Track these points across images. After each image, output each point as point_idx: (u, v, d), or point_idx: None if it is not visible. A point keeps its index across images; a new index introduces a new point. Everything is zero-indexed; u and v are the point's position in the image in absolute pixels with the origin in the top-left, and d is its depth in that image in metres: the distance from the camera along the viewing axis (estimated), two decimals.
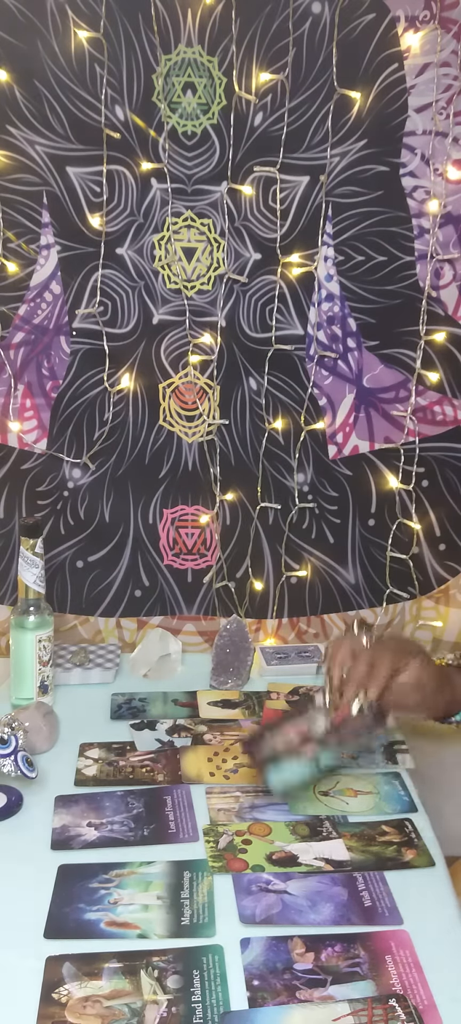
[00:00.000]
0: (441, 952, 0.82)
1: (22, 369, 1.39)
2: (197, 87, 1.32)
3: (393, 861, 0.95)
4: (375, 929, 0.85)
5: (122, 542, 1.46)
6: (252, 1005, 0.75)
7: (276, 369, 1.42)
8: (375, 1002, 0.75)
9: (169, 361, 1.41)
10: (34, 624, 1.24)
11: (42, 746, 1.15)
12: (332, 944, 0.83)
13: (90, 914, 0.86)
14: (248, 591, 1.49)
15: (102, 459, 1.43)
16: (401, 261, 1.38)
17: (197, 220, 1.37)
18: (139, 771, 1.11)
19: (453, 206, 1.37)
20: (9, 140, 1.31)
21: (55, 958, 0.80)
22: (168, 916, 0.86)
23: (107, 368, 1.40)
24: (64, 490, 1.43)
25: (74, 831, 0.99)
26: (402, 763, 1.14)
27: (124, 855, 0.95)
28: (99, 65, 1.30)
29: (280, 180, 1.35)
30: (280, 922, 0.86)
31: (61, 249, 1.36)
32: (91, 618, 1.48)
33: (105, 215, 1.34)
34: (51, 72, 1.29)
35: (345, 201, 1.37)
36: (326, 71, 1.32)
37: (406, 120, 1.34)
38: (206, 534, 1.47)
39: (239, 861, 0.94)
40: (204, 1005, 0.75)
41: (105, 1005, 0.75)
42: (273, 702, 1.29)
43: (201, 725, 1.23)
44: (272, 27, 1.30)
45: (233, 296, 1.39)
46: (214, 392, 1.43)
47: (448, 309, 1.40)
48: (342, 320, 1.41)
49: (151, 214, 1.36)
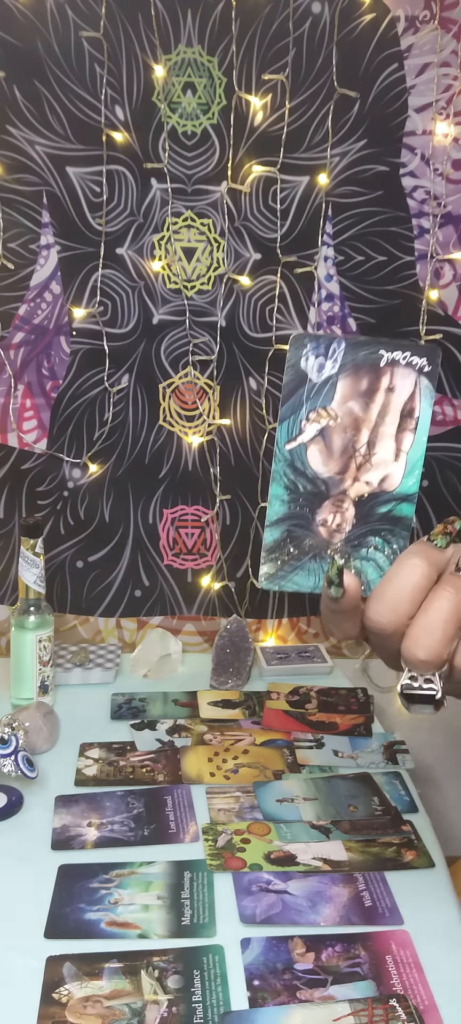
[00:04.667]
0: (441, 952, 0.82)
1: (22, 369, 1.39)
2: (197, 87, 1.32)
3: (393, 862, 0.95)
4: (375, 929, 0.85)
5: (122, 542, 1.46)
6: (252, 1005, 0.75)
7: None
8: (375, 1002, 0.75)
9: (169, 361, 1.41)
10: (34, 624, 1.24)
11: (42, 746, 1.15)
12: (332, 944, 0.83)
13: (90, 914, 0.86)
14: (248, 591, 1.49)
15: (102, 459, 1.43)
16: (401, 261, 1.38)
17: (197, 220, 1.37)
18: (139, 771, 1.11)
19: (453, 206, 1.37)
20: (9, 140, 1.31)
21: (55, 958, 0.80)
22: (168, 916, 0.86)
23: (107, 368, 1.40)
24: (64, 490, 1.43)
25: (74, 831, 0.99)
26: (402, 763, 1.14)
27: (124, 855, 0.95)
28: (99, 65, 1.30)
29: (280, 180, 1.35)
30: (280, 922, 0.86)
31: (61, 249, 1.36)
32: (91, 618, 1.48)
33: (105, 215, 1.34)
34: (51, 72, 1.30)
35: (345, 201, 1.37)
36: (326, 71, 1.32)
37: (406, 120, 1.34)
38: (206, 534, 1.47)
39: (237, 860, 0.94)
40: (204, 1005, 0.75)
41: (105, 1005, 0.75)
42: (273, 702, 1.29)
43: (201, 725, 1.23)
44: (272, 27, 1.30)
45: (233, 296, 1.39)
46: (214, 392, 1.43)
47: (448, 309, 1.40)
48: (342, 320, 1.41)
49: (151, 214, 1.36)
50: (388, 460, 0.60)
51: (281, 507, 0.61)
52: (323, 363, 0.60)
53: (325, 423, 0.60)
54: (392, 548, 0.60)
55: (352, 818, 1.02)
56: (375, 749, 1.18)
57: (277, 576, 0.61)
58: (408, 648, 0.55)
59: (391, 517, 0.60)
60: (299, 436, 0.60)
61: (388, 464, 0.60)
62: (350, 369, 0.60)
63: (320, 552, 0.61)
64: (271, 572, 0.61)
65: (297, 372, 0.60)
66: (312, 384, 0.60)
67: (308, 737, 1.20)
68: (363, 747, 1.18)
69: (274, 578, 0.61)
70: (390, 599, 0.55)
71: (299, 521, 0.61)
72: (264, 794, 1.06)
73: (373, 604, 0.56)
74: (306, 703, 1.29)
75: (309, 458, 0.61)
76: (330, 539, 0.61)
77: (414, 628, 0.55)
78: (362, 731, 1.22)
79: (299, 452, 0.61)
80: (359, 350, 0.60)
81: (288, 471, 0.61)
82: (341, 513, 0.61)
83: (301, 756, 1.15)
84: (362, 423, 0.60)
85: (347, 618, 0.58)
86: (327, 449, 0.61)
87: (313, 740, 1.19)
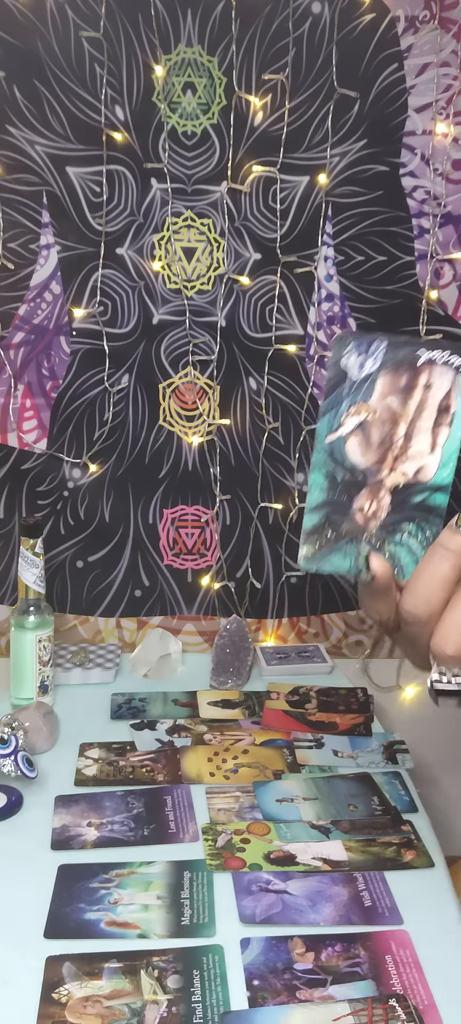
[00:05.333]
0: (441, 952, 0.82)
1: (22, 369, 1.39)
2: (197, 87, 1.32)
3: (392, 862, 0.95)
4: (375, 929, 0.85)
5: (122, 542, 1.46)
6: (252, 1005, 0.75)
7: (276, 369, 1.42)
8: (375, 1002, 0.75)
9: (169, 361, 1.41)
10: (34, 624, 1.24)
11: (42, 746, 1.15)
12: (332, 944, 0.83)
13: (90, 914, 0.86)
14: (248, 591, 1.49)
15: (102, 459, 1.43)
16: (401, 261, 1.38)
17: (197, 220, 1.37)
18: (139, 771, 1.11)
19: (453, 206, 1.37)
20: (9, 140, 1.31)
21: (55, 958, 0.80)
22: (168, 916, 0.86)
23: (107, 368, 1.40)
24: (64, 490, 1.43)
25: (74, 831, 0.99)
26: (402, 763, 1.14)
27: (124, 855, 0.95)
28: (99, 65, 1.30)
29: (280, 180, 1.35)
30: (280, 922, 0.86)
31: (61, 249, 1.36)
32: (91, 618, 1.48)
33: (105, 215, 1.34)
34: (51, 72, 1.30)
35: (345, 201, 1.37)
36: (326, 71, 1.32)
37: (406, 120, 1.34)
38: (206, 534, 1.47)
39: (237, 860, 0.94)
40: (204, 1005, 0.75)
41: (105, 1005, 0.75)
42: (273, 702, 1.29)
43: (201, 725, 1.23)
44: (272, 27, 1.30)
45: (233, 296, 1.39)
46: (214, 392, 1.43)
47: (448, 309, 1.40)
48: (342, 320, 1.41)
49: (151, 214, 1.36)
50: (424, 452, 0.62)
51: (320, 494, 0.64)
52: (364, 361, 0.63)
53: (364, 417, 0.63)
54: (425, 535, 0.63)
55: (352, 818, 1.02)
56: (375, 749, 1.18)
57: (315, 557, 0.64)
58: (437, 644, 0.57)
59: (425, 506, 0.62)
60: (339, 429, 0.63)
61: (424, 456, 0.62)
62: (390, 367, 0.62)
63: (356, 536, 0.63)
64: (309, 554, 0.64)
65: (338, 370, 0.63)
66: (352, 381, 0.63)
67: (308, 737, 1.20)
68: (363, 747, 1.18)
69: (312, 559, 0.64)
70: (422, 592, 0.59)
71: (337, 507, 0.64)
72: (264, 794, 1.06)
73: (407, 597, 0.60)
74: (306, 703, 1.29)
75: (348, 449, 0.63)
76: (366, 525, 0.63)
77: (442, 625, 0.57)
78: (362, 731, 1.22)
79: (338, 444, 0.63)
80: (399, 349, 0.62)
81: (328, 460, 0.64)
82: (377, 501, 0.63)
83: (301, 756, 1.15)
84: (400, 417, 0.63)
85: (380, 599, 0.62)
86: (365, 441, 0.63)
87: (313, 740, 1.19)
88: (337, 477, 0.64)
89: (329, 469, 0.64)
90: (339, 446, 0.63)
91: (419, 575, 0.60)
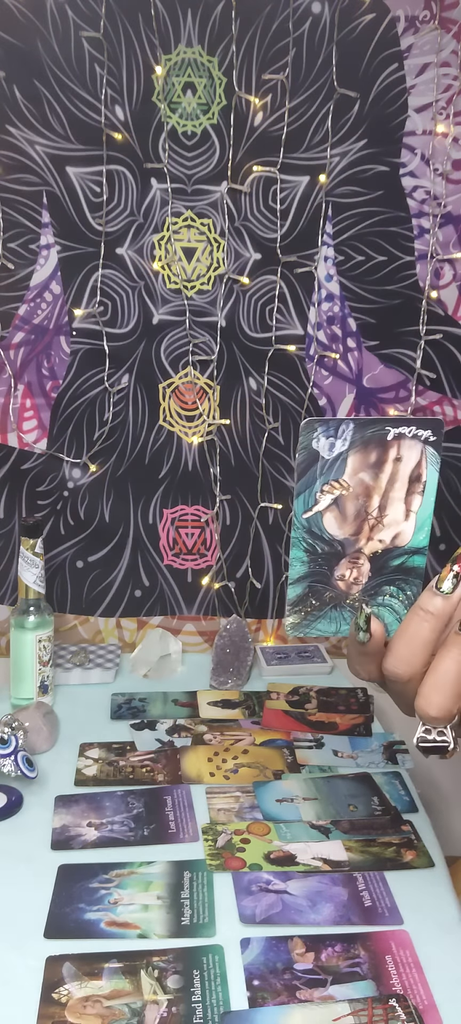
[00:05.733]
0: (441, 952, 0.82)
1: (22, 369, 1.39)
2: (197, 87, 1.32)
3: (392, 862, 0.95)
4: (375, 929, 0.85)
5: (122, 542, 1.46)
6: (252, 1005, 0.75)
7: (276, 369, 1.42)
8: (375, 1002, 0.75)
9: (169, 361, 1.41)
10: (34, 624, 1.24)
11: (42, 746, 1.15)
12: (332, 944, 0.83)
13: (90, 914, 0.86)
14: (248, 591, 1.49)
15: (102, 459, 1.43)
16: (401, 261, 1.38)
17: (197, 220, 1.37)
18: (139, 771, 1.11)
19: (453, 206, 1.37)
20: (9, 140, 1.31)
21: (55, 958, 0.80)
22: (168, 916, 0.86)
23: (107, 368, 1.40)
24: (64, 490, 1.43)
25: (74, 831, 0.99)
26: (402, 763, 1.14)
27: (124, 855, 0.95)
28: (99, 65, 1.30)
29: (280, 180, 1.35)
30: (280, 922, 0.86)
31: (61, 249, 1.36)
32: (91, 618, 1.48)
33: (105, 215, 1.34)
34: (51, 72, 1.30)
35: (345, 201, 1.37)
36: (326, 71, 1.32)
37: (406, 120, 1.34)
38: (206, 534, 1.47)
39: (237, 860, 0.94)
40: (204, 1005, 0.75)
41: (105, 1005, 0.75)
42: (273, 702, 1.29)
43: (201, 725, 1.23)
44: (272, 27, 1.30)
45: (233, 296, 1.39)
46: (214, 392, 1.43)
47: (448, 309, 1.40)
48: (342, 320, 1.41)
49: (151, 214, 1.36)
50: (399, 520, 0.65)
51: (301, 567, 0.67)
52: (333, 443, 0.65)
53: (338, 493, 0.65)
54: (406, 595, 0.67)
55: (352, 818, 1.02)
56: (375, 749, 1.18)
57: (301, 625, 0.68)
58: (420, 706, 0.60)
59: (404, 568, 0.66)
60: (315, 506, 0.66)
61: (399, 523, 0.65)
62: (359, 445, 0.64)
63: (340, 603, 0.67)
64: (296, 623, 0.68)
65: (310, 452, 0.65)
66: (324, 461, 0.65)
67: (308, 737, 1.20)
68: (363, 747, 1.18)
69: (299, 627, 0.68)
70: (403, 654, 0.61)
71: (319, 578, 0.67)
72: (264, 794, 1.06)
73: (389, 658, 0.62)
74: (306, 703, 1.29)
75: (325, 524, 0.66)
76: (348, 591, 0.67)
77: (425, 687, 0.60)
78: (362, 731, 1.22)
79: (316, 519, 0.66)
80: (366, 428, 0.64)
81: (306, 536, 0.66)
82: (357, 568, 0.67)
83: (301, 756, 1.15)
84: (373, 490, 0.65)
85: (372, 660, 0.64)
86: (341, 515, 0.66)
87: (313, 740, 1.19)
88: (317, 550, 0.66)
89: (308, 544, 0.66)
90: (316, 521, 0.66)
91: (400, 636, 0.62)
